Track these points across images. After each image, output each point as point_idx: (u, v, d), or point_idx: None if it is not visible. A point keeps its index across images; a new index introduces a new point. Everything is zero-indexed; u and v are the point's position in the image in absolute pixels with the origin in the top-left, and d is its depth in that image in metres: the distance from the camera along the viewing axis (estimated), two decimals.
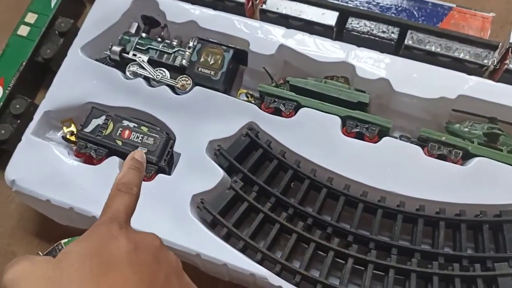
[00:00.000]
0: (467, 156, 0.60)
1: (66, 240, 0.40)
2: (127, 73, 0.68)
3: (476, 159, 0.58)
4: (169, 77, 0.67)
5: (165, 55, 0.68)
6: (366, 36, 0.68)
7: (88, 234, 0.34)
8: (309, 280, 0.55)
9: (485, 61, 0.64)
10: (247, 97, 0.69)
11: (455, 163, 0.60)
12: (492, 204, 0.57)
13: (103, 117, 0.65)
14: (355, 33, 0.69)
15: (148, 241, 0.35)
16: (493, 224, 0.56)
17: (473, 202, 0.57)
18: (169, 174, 0.62)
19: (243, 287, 0.61)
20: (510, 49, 0.64)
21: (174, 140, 0.63)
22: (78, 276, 0.30)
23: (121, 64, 0.69)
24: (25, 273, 0.31)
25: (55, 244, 0.40)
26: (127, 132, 0.64)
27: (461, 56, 0.65)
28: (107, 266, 0.31)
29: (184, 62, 0.67)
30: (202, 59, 0.67)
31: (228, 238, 0.58)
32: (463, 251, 0.55)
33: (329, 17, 0.69)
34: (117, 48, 0.68)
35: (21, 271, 0.31)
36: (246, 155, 0.62)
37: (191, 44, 0.68)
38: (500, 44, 0.65)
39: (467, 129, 0.61)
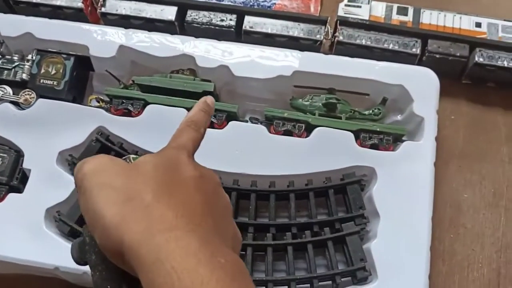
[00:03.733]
0: (310, 128, 0.63)
1: (134, 155, 0.40)
2: None
3: (316, 129, 0.61)
4: (11, 94, 0.65)
5: (5, 72, 0.66)
6: (207, 26, 0.70)
7: (161, 153, 0.36)
8: None
9: (318, 36, 0.68)
10: (98, 102, 0.68)
11: (300, 136, 0.62)
12: (336, 169, 0.60)
13: None
14: (195, 24, 0.70)
15: (211, 174, 0.36)
16: (338, 188, 0.60)
17: (318, 170, 0.60)
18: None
19: None
20: (338, 21, 0.68)
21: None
22: (153, 183, 0.31)
23: None
24: (106, 166, 0.33)
25: (124, 156, 0.40)
26: None
27: (296, 34, 0.68)
28: (178, 183, 0.32)
29: (24, 76, 0.66)
30: (43, 71, 0.65)
31: None
32: (313, 218, 0.58)
33: (168, 12, 0.70)
34: None
35: (103, 163, 0.33)
36: None
37: (29, 57, 0.66)
38: (329, 18, 0.68)
39: (308, 103, 0.64)
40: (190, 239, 0.28)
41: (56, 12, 0.72)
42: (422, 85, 0.62)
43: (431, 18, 0.68)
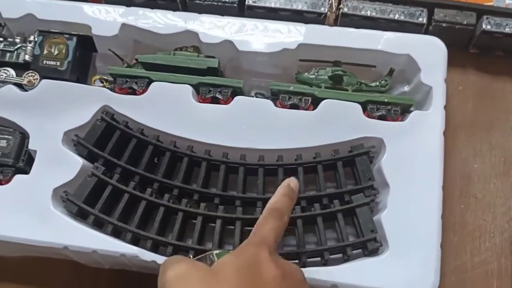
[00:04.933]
0: (316, 101, 0.62)
1: (217, 251, 0.41)
2: None
3: (323, 102, 0.61)
4: (14, 75, 0.65)
5: (8, 54, 0.66)
6: (209, 2, 0.69)
7: (241, 251, 0.36)
8: (182, 249, 0.56)
9: (322, 9, 0.67)
10: (102, 82, 0.68)
11: (307, 110, 0.62)
12: (343, 141, 0.59)
13: None
14: (198, 1, 0.69)
15: (293, 271, 0.36)
16: (346, 160, 0.59)
17: (326, 143, 0.59)
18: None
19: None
20: None
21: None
22: None
23: None
24: (188, 274, 0.34)
25: (207, 253, 0.40)
26: None
27: (300, 7, 0.67)
28: (258, 286, 0.33)
29: (27, 57, 0.65)
30: (45, 52, 0.65)
31: (98, 225, 0.57)
32: (322, 191, 0.58)
33: None
34: None
35: (185, 271, 0.34)
36: (106, 140, 0.61)
37: (31, 38, 0.66)
38: None
39: (313, 76, 0.63)
40: None
41: None
42: (429, 53, 0.61)
43: None
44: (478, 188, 0.63)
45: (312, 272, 0.53)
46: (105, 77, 0.68)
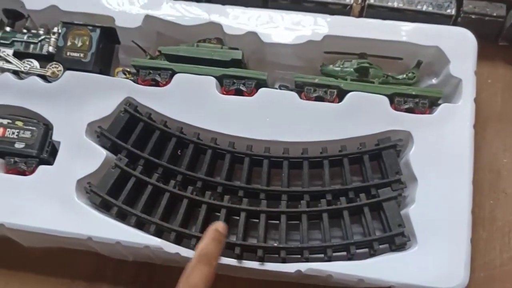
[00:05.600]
0: (342, 94, 0.61)
1: None
2: None
3: (349, 94, 0.60)
4: (38, 67, 0.65)
5: (32, 45, 0.66)
6: None
7: None
8: None
9: (347, 0, 0.66)
10: (125, 74, 0.67)
11: (332, 102, 0.61)
12: (370, 134, 0.58)
13: None
14: None
15: None
16: (373, 153, 0.58)
17: (352, 136, 0.58)
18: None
19: None
20: None
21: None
22: None
23: None
24: None
25: None
26: (1, 129, 0.61)
27: None
28: None
29: (51, 49, 0.65)
30: (69, 43, 0.65)
31: (121, 216, 0.57)
32: (348, 184, 0.57)
33: None
34: None
35: None
36: (129, 132, 0.61)
37: (55, 30, 0.66)
38: None
39: (339, 68, 0.62)
40: None
41: None
42: (458, 45, 0.60)
43: None
44: (507, 184, 0.62)
45: (338, 267, 0.52)
46: (128, 69, 0.67)
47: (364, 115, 0.59)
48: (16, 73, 0.65)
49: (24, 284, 0.62)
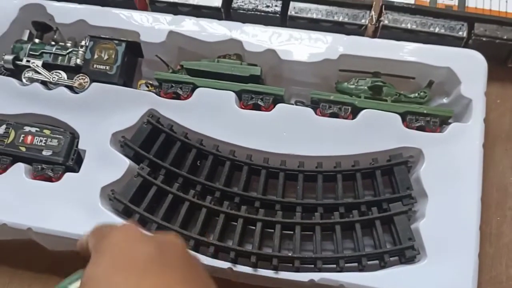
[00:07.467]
0: (356, 111, 0.63)
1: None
2: (23, 80, 0.69)
3: (363, 111, 0.62)
4: (66, 78, 0.68)
5: (60, 57, 0.69)
6: (252, 12, 0.71)
7: None
8: (223, 250, 0.58)
9: (363, 20, 0.68)
10: (147, 86, 0.70)
11: (347, 118, 0.63)
12: (382, 150, 0.61)
13: (3, 126, 0.65)
14: (241, 11, 0.71)
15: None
16: (384, 169, 0.60)
17: (365, 152, 0.61)
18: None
19: None
20: (384, 6, 0.68)
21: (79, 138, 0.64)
22: None
23: (16, 72, 0.69)
24: None
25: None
26: (29, 137, 0.64)
27: (341, 19, 0.69)
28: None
29: (78, 61, 0.68)
30: (96, 56, 0.68)
31: (142, 223, 0.59)
32: (360, 198, 0.59)
33: None
34: (9, 57, 0.69)
35: None
36: (151, 142, 0.64)
37: (83, 43, 0.69)
38: (374, 3, 0.69)
39: (353, 86, 0.65)
40: None
41: (105, 1, 0.74)
42: (469, 67, 0.63)
43: (477, 1, 0.68)
44: None
45: (349, 277, 0.54)
46: (150, 82, 0.70)
47: (377, 131, 0.61)
48: (44, 83, 0.68)
49: (47, 287, 0.64)
